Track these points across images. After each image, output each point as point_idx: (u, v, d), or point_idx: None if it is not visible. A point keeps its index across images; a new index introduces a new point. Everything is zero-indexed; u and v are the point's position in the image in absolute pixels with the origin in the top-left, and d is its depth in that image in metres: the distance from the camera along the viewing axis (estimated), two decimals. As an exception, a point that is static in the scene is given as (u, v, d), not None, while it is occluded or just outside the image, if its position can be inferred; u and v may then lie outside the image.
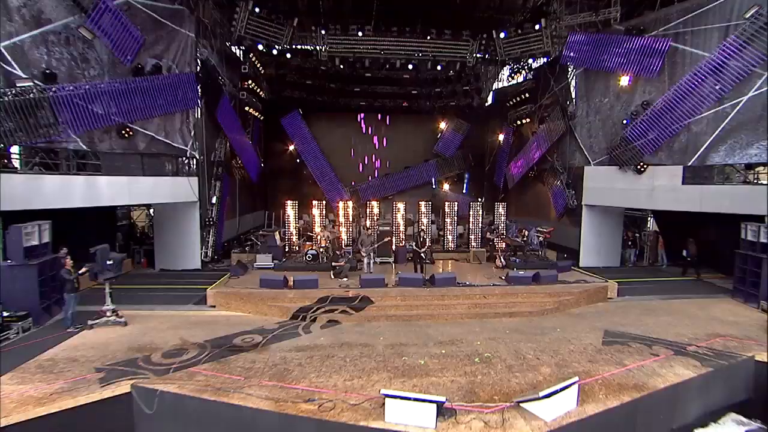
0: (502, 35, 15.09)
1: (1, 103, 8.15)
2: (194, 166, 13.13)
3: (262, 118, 18.75)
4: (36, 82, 8.75)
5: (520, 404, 5.22)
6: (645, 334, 7.79)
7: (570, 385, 5.24)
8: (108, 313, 8.09)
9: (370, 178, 23.13)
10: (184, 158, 12.80)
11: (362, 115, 22.73)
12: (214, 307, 9.24)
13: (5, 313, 7.48)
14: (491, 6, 15.56)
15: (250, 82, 16.15)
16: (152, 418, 5.71)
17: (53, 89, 9.01)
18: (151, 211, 14.85)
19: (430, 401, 4.82)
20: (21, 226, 8.00)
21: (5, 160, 8.87)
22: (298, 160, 21.85)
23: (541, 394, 5.02)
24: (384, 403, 5.00)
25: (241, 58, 15.87)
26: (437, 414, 4.84)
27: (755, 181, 11.23)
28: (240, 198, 17.47)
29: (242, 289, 9.54)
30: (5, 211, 8.15)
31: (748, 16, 10.02)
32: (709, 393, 6.30)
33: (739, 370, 6.60)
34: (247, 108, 16.32)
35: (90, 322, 7.91)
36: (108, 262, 7.95)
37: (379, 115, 22.73)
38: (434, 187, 23.29)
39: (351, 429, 4.89)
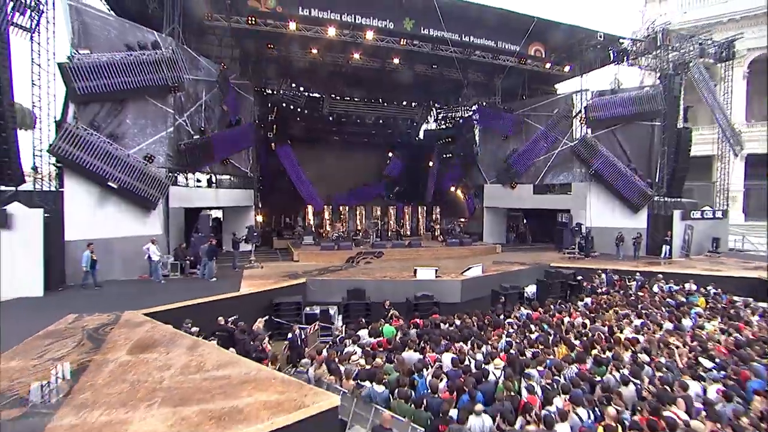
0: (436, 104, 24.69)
1: (188, 148, 14.98)
2: (250, 183, 20.19)
3: (274, 148, 25.86)
4: (197, 136, 15.65)
5: (462, 273, 14.03)
6: (510, 260, 17.27)
7: (479, 266, 14.22)
8: (252, 262, 15.20)
9: (339, 192, 31.07)
10: (246, 177, 19.80)
11: (334, 145, 30.77)
12: (298, 261, 16.68)
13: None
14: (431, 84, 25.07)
15: (274, 126, 23.50)
16: (314, 292, 13.31)
17: (205, 138, 15.88)
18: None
19: (432, 267, 13.41)
20: (208, 214, 14.81)
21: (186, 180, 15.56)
22: (286, 178, 28.96)
23: (470, 266, 13.92)
24: (415, 272, 13.45)
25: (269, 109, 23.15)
26: (435, 274, 13.42)
27: (566, 193, 21.89)
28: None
29: (314, 251, 17.22)
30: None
31: (554, 113, 20.67)
32: (528, 276, 15.73)
33: (540, 269, 16.22)
34: (272, 144, 23.60)
35: (246, 266, 14.96)
36: (254, 234, 15.15)
37: (347, 145, 30.98)
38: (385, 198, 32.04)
39: (405, 282, 13.22)
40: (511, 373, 6.88)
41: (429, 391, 6.46)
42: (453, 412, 5.89)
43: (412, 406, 6.23)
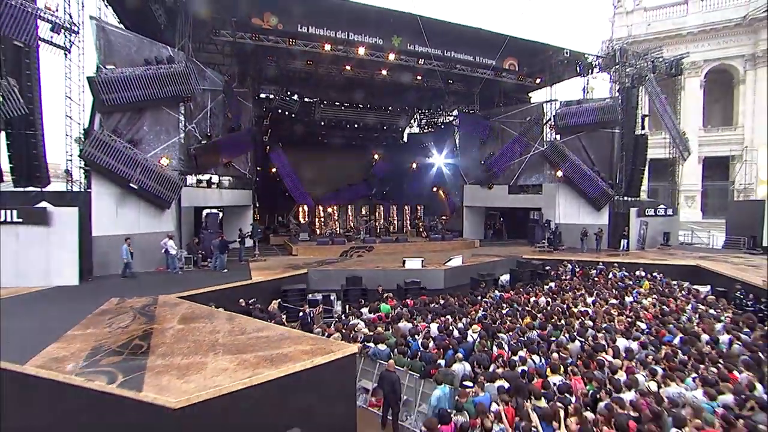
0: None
1: (197, 151, 16.41)
2: (249, 184, 21.63)
3: (267, 150, 27.25)
4: (204, 141, 17.07)
5: (445, 263, 15.95)
6: (487, 253, 19.30)
7: (459, 257, 16.17)
8: (256, 255, 16.74)
9: (329, 192, 32.66)
10: (245, 178, 21.24)
11: (325, 148, 32.31)
12: (297, 255, 18.28)
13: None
14: (415, 92, 27.00)
15: (269, 130, 24.95)
16: (316, 281, 14.98)
17: (211, 143, 17.30)
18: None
19: (419, 259, 15.28)
20: (216, 212, 16.27)
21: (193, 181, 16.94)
22: (278, 179, 30.37)
23: (451, 258, 15.86)
24: (404, 263, 15.28)
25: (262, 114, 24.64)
26: (421, 264, 15.29)
27: (537, 193, 24.12)
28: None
29: (310, 246, 18.84)
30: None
31: (527, 120, 22.88)
32: (502, 267, 17.78)
33: (514, 260, 18.30)
34: (266, 147, 25.06)
35: (250, 260, 16.48)
36: (258, 230, 16.68)
37: (336, 148, 32.57)
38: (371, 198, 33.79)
39: (395, 271, 15.04)
40: (485, 335, 8.80)
41: (421, 348, 8.29)
42: (441, 363, 7.74)
43: (409, 359, 8.06)
